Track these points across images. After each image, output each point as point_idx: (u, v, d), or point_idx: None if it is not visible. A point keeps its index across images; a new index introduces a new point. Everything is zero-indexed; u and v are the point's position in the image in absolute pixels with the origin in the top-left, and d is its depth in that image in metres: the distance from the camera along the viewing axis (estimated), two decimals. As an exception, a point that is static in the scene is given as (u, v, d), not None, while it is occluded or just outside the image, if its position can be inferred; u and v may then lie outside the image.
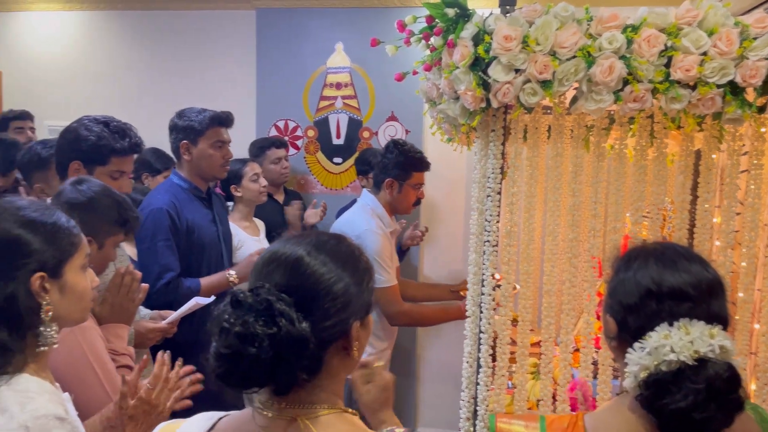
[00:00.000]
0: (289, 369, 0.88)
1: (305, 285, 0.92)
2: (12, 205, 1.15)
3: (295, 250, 0.95)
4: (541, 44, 1.48)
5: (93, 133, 1.94)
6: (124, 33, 3.96)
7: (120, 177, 1.99)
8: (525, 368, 1.77)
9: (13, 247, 1.10)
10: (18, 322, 1.09)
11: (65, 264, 1.16)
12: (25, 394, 1.07)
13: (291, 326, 0.86)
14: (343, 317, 0.94)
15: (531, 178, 1.73)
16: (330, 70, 3.70)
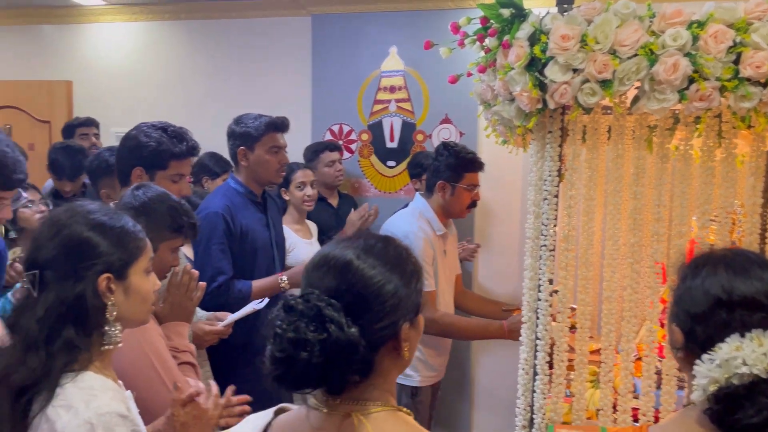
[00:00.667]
0: (340, 372, 0.90)
1: (354, 289, 0.93)
2: (83, 208, 1.20)
3: (344, 254, 0.96)
4: (601, 43, 1.43)
5: (152, 139, 2.00)
6: (186, 41, 4.09)
7: (179, 180, 2.05)
8: (584, 376, 1.72)
9: (83, 249, 1.15)
10: (85, 320, 1.13)
11: (130, 266, 1.20)
12: (90, 391, 1.11)
13: (340, 332, 0.88)
14: (393, 319, 0.95)
15: (590, 180, 1.68)
16: (384, 74, 3.71)
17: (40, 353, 1.10)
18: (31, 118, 4.23)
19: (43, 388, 1.09)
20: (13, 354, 1.12)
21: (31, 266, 1.14)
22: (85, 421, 1.06)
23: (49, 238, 1.15)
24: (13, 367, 1.10)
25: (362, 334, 0.90)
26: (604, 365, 1.72)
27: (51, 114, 4.19)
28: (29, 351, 1.10)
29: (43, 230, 1.17)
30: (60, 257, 1.14)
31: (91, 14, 4.18)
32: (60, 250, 1.14)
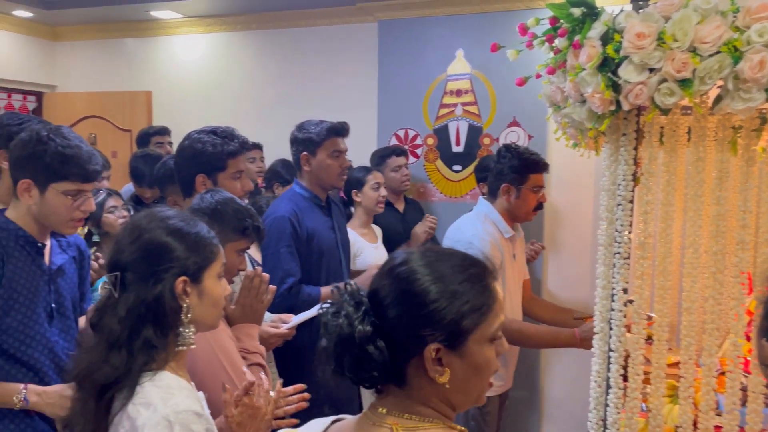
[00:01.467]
0: (366, 370, 0.93)
1: (393, 285, 0.97)
2: (161, 214, 1.26)
3: (405, 254, 1.00)
4: (680, 40, 1.36)
5: (206, 144, 2.06)
6: (257, 51, 4.21)
7: (240, 176, 2.11)
8: (661, 390, 1.63)
9: (162, 252, 1.20)
10: (162, 321, 1.18)
11: (205, 270, 1.24)
12: (167, 390, 1.15)
13: (349, 326, 0.93)
14: (418, 332, 0.95)
15: (668, 184, 1.60)
16: (450, 78, 3.68)
17: (122, 352, 1.15)
18: (114, 127, 4.47)
19: (125, 385, 1.14)
20: (97, 352, 1.17)
21: (113, 268, 1.20)
22: (163, 417, 1.10)
23: (129, 242, 1.21)
24: (97, 365, 1.16)
25: (382, 336, 0.93)
26: (684, 380, 1.63)
27: (132, 123, 4.41)
28: (112, 349, 1.16)
29: (124, 234, 1.23)
30: (140, 260, 1.19)
31: (169, 27, 4.37)
32: (140, 254, 1.19)
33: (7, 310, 1.58)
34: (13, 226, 1.63)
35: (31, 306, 1.63)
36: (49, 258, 1.71)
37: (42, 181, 1.60)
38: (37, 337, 1.64)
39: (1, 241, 1.61)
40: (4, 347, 1.59)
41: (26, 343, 1.62)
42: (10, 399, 1.58)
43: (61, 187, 1.61)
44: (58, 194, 1.61)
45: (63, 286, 1.73)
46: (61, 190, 1.61)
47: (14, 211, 1.65)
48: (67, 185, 1.61)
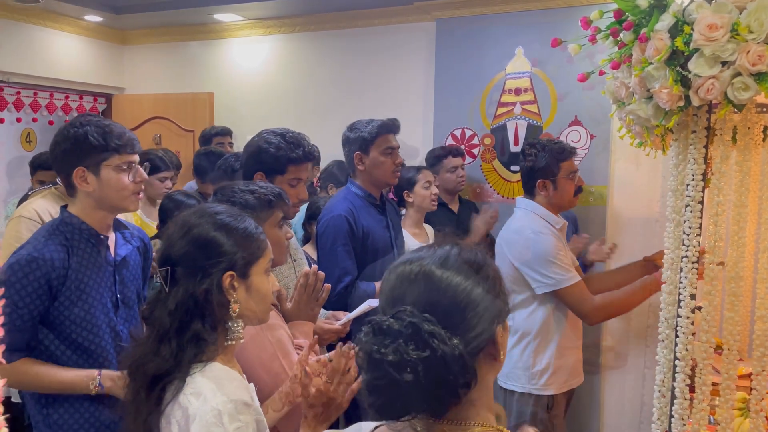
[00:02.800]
0: (448, 389, 0.85)
1: (444, 299, 0.89)
2: (211, 209, 1.28)
3: (424, 265, 0.92)
4: (755, 32, 1.29)
5: (272, 145, 2.10)
6: (315, 51, 4.26)
7: (297, 184, 2.13)
8: (731, 403, 1.54)
9: (210, 247, 1.22)
10: (211, 315, 1.20)
11: (252, 266, 1.26)
12: (217, 380, 1.17)
13: (444, 345, 0.84)
14: (486, 324, 0.90)
15: (741, 185, 1.51)
16: (509, 76, 3.62)
17: (172, 344, 1.18)
18: (178, 127, 4.61)
19: (175, 377, 1.17)
20: (148, 344, 1.20)
21: (164, 263, 1.23)
22: (213, 407, 1.12)
23: (180, 237, 1.23)
24: (148, 356, 1.19)
25: (463, 345, 0.86)
26: (756, 392, 1.53)
27: (195, 123, 4.54)
28: (162, 342, 1.18)
29: (175, 229, 1.25)
30: (189, 255, 1.21)
31: (231, 30, 4.48)
32: (189, 248, 1.22)
33: (74, 300, 1.65)
34: (76, 220, 1.70)
35: (98, 297, 1.69)
36: (114, 250, 1.77)
37: (94, 162, 1.67)
38: (104, 326, 1.70)
39: (66, 234, 1.68)
40: (73, 336, 1.66)
41: (93, 332, 1.68)
42: (86, 385, 1.64)
43: (113, 162, 1.68)
44: (111, 171, 1.68)
45: (127, 276, 1.79)
46: (113, 165, 1.68)
47: (74, 207, 1.72)
48: (116, 159, 1.68)
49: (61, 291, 1.63)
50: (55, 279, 1.61)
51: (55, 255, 1.62)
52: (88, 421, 1.69)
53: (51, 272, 1.61)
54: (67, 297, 1.64)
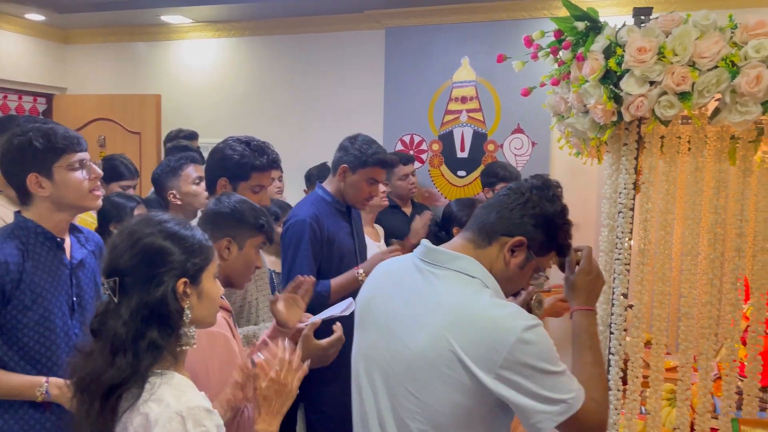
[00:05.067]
0: None
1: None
2: (157, 218, 1.29)
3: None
4: (679, 54, 1.41)
5: (237, 152, 2.13)
6: (265, 56, 4.27)
7: (260, 191, 2.16)
8: (659, 393, 1.68)
9: (162, 256, 1.24)
10: (167, 322, 1.22)
11: (203, 272, 1.29)
12: (179, 387, 1.19)
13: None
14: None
15: (667, 193, 1.64)
16: (456, 85, 3.74)
17: (128, 354, 1.18)
18: (123, 129, 4.52)
19: (132, 385, 1.17)
20: (102, 357, 1.19)
21: (111, 274, 1.23)
22: (176, 413, 1.14)
23: (128, 247, 1.23)
24: (102, 368, 1.18)
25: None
26: (682, 383, 1.67)
27: (141, 126, 4.47)
28: (117, 353, 1.18)
29: (120, 240, 1.25)
30: (139, 264, 1.22)
31: (179, 31, 4.43)
32: (139, 258, 1.22)
33: (29, 305, 1.63)
34: (31, 224, 1.68)
35: (55, 301, 1.68)
36: (70, 253, 1.76)
37: (45, 167, 1.66)
38: (58, 331, 1.69)
39: (22, 238, 1.66)
40: (25, 341, 1.64)
41: (47, 336, 1.66)
42: (32, 392, 1.62)
43: (63, 162, 1.67)
44: (64, 171, 1.67)
45: (84, 280, 1.78)
46: (65, 165, 1.67)
47: (29, 212, 1.70)
48: (66, 159, 1.67)
49: (15, 295, 1.61)
50: (9, 283, 1.60)
51: (10, 258, 1.61)
52: (33, 428, 1.66)
53: (5, 276, 1.59)
54: (20, 301, 1.62)
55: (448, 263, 1.31)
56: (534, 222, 1.32)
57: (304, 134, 4.12)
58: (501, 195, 1.36)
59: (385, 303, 1.38)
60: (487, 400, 1.22)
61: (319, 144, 2.65)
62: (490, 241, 1.32)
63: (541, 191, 1.35)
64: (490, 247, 1.32)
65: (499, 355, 1.19)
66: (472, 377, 1.20)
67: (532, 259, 1.33)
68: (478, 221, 1.35)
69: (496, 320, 1.22)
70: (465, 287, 1.29)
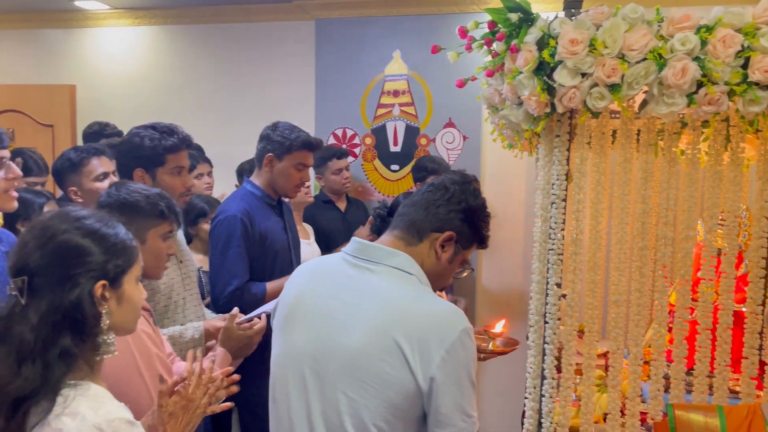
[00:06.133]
0: None
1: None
2: (75, 214, 1.17)
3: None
4: (609, 47, 1.44)
5: (145, 138, 2.05)
6: (189, 46, 4.10)
7: (181, 172, 2.09)
8: (591, 380, 1.72)
9: (79, 255, 1.12)
10: (81, 328, 1.11)
11: (124, 275, 1.18)
12: (96, 398, 1.09)
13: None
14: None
15: (597, 184, 1.68)
16: (388, 78, 3.72)
17: (37, 363, 1.07)
18: (34, 122, 4.24)
19: (42, 398, 1.06)
20: (6, 365, 1.07)
21: (19, 272, 1.11)
22: (94, 426, 1.04)
23: (40, 245, 1.12)
24: (6, 379, 1.06)
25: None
26: (612, 369, 1.72)
27: (54, 118, 4.20)
28: (24, 361, 1.07)
29: (31, 236, 1.13)
30: (52, 264, 1.11)
31: (95, 18, 4.19)
32: (53, 257, 1.11)
33: None
34: None
35: None
36: None
37: None
38: None
39: None
40: None
41: None
42: None
43: None
44: None
45: None
46: None
47: None
48: None
49: None
50: None
51: None
52: None
53: None
54: None
55: (384, 260, 1.30)
56: (461, 216, 1.35)
57: (233, 128, 3.99)
58: (425, 192, 1.38)
59: (316, 302, 1.34)
60: (417, 402, 1.23)
61: (250, 138, 2.55)
62: (420, 238, 1.34)
63: (463, 186, 1.38)
64: (421, 244, 1.35)
65: (438, 352, 1.19)
66: (410, 375, 1.20)
67: (460, 252, 1.37)
68: (407, 219, 1.36)
69: (439, 316, 1.23)
70: (403, 283, 1.29)
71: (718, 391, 1.64)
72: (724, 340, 1.64)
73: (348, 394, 1.24)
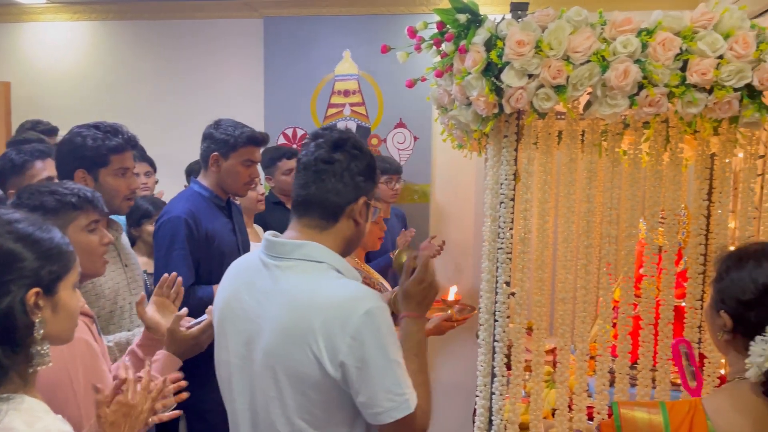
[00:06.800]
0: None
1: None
2: (6, 217, 1.11)
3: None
4: (555, 49, 1.46)
5: (88, 138, 1.96)
6: (132, 42, 3.97)
7: (125, 174, 2.01)
8: (540, 376, 1.75)
9: (10, 261, 1.06)
10: (13, 338, 1.05)
11: (60, 281, 1.12)
12: (32, 413, 1.04)
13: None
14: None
15: (544, 183, 1.71)
16: (338, 78, 3.70)
17: None
18: (-36, 120, 4.02)
19: None
20: None
21: None
22: None
23: None
24: None
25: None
26: (560, 365, 1.75)
27: (-14, 116, 3.99)
28: None
29: None
30: None
31: (31, 13, 4.01)
32: None
33: None
34: None
35: None
36: None
37: None
38: None
39: None
40: None
41: None
42: None
43: None
44: None
45: None
46: None
47: None
48: None
49: None
50: None
51: None
52: None
53: None
54: None
55: (292, 253, 1.31)
56: (362, 178, 1.37)
57: (178, 128, 3.89)
58: (315, 175, 1.33)
59: (239, 305, 1.36)
60: (336, 393, 1.24)
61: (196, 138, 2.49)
62: (337, 218, 1.35)
63: (341, 148, 1.35)
64: (338, 224, 1.35)
65: (344, 340, 1.20)
66: (320, 368, 1.21)
67: (370, 206, 1.41)
68: (316, 207, 1.34)
69: (340, 303, 1.24)
70: (311, 274, 1.29)
71: (661, 384, 1.69)
72: (666, 334, 1.69)
73: (271, 395, 1.27)
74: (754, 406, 1.14)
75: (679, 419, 1.14)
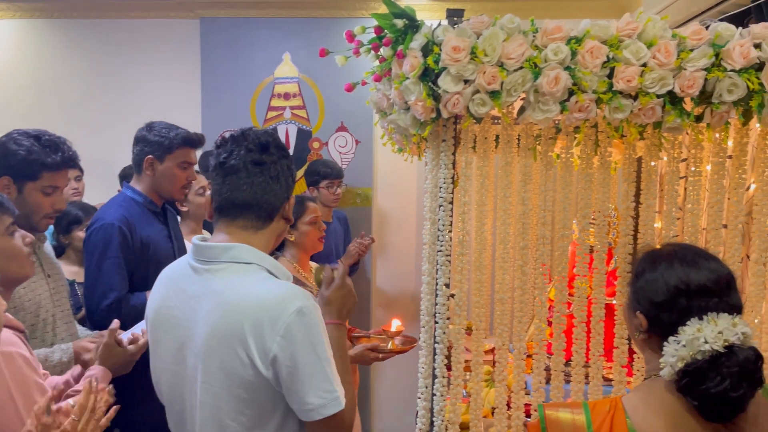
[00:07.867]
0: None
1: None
2: None
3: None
4: (489, 55, 1.49)
5: (23, 148, 1.85)
6: (61, 42, 3.81)
7: (53, 192, 1.89)
8: (480, 376, 1.78)
9: None
10: None
11: None
12: None
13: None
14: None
15: (482, 187, 1.75)
16: (278, 80, 3.66)
17: None
18: None
19: None
20: None
21: None
22: None
23: None
24: None
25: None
26: (498, 364, 1.78)
27: None
28: None
29: None
30: None
31: (-51, 8, 3.79)
32: None
33: None
34: None
35: None
36: None
37: None
38: None
39: None
40: None
41: None
42: None
43: None
44: None
45: None
46: None
47: None
48: None
49: None
50: None
51: None
52: None
53: None
54: None
55: (221, 256, 1.31)
56: (291, 176, 1.39)
57: (110, 131, 3.75)
58: (248, 178, 1.33)
59: (170, 312, 1.35)
60: (267, 392, 1.24)
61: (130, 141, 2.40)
62: (272, 217, 1.36)
63: (268, 149, 1.36)
64: (273, 223, 1.37)
65: (273, 339, 1.20)
66: (251, 367, 1.22)
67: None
68: (252, 208, 1.34)
69: (268, 303, 1.24)
70: (241, 276, 1.29)
71: (593, 379, 1.75)
72: (597, 331, 1.75)
73: (205, 398, 1.27)
74: (668, 403, 1.17)
75: (601, 418, 1.18)
